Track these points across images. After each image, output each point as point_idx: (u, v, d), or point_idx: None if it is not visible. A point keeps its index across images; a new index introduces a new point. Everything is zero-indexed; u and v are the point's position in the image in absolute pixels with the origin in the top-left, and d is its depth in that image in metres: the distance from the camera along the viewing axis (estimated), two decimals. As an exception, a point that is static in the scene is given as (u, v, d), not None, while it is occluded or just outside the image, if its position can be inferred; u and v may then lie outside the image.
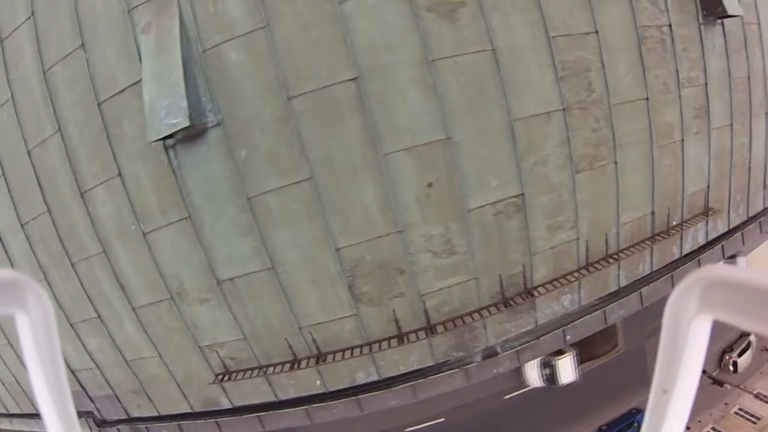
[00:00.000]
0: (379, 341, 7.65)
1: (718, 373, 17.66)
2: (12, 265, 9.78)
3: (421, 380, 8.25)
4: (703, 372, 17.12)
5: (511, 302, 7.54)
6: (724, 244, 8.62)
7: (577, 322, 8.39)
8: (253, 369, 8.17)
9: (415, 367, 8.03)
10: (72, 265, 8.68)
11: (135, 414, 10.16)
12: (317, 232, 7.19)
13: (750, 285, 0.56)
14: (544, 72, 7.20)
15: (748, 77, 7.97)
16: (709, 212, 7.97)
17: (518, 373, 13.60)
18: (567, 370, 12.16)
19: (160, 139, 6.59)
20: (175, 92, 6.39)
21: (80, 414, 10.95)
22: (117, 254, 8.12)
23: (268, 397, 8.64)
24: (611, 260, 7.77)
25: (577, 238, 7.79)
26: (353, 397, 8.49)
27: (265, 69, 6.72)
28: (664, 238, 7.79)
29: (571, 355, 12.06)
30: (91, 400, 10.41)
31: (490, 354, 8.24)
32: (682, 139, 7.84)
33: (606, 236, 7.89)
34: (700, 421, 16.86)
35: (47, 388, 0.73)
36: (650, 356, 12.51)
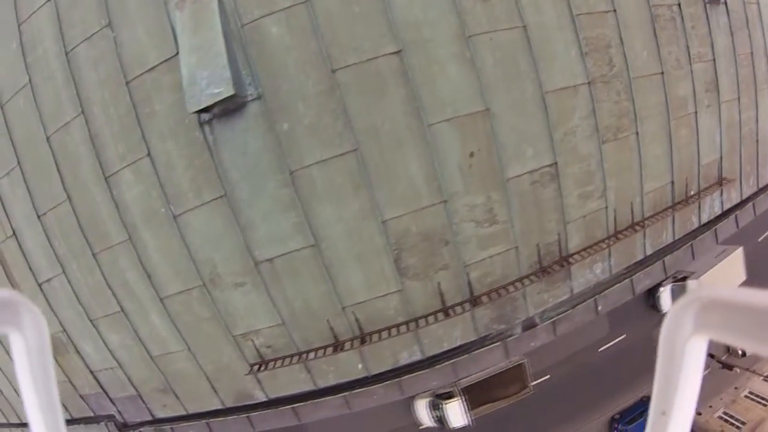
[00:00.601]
0: (424, 317, 6.99)
1: (727, 357, 17.20)
2: (27, 260, 8.59)
3: (463, 356, 7.58)
4: (712, 356, 16.34)
5: (549, 270, 7.09)
6: (737, 214, 8.56)
7: (607, 291, 8.03)
8: (291, 356, 7.29)
9: (458, 343, 7.40)
10: (94, 255, 7.63)
11: (160, 415, 8.94)
12: (363, 204, 6.56)
13: (744, 304, 0.52)
14: (569, 48, 7.01)
15: (751, 53, 8.11)
16: (723, 182, 7.91)
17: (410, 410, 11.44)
18: (456, 414, 10.05)
19: (200, 110, 5.88)
20: (216, 63, 5.72)
21: (100, 418, 9.61)
22: (144, 241, 7.17)
23: (306, 386, 7.74)
24: (637, 228, 7.53)
25: (606, 207, 7.51)
26: (395, 379, 7.70)
27: (308, 43, 6.18)
28: (684, 206, 7.62)
29: (460, 401, 9.93)
30: (113, 402, 9.13)
31: (529, 325, 7.74)
32: (696, 112, 7.81)
33: (631, 205, 7.65)
34: (711, 407, 16.18)
35: (39, 407, 0.66)
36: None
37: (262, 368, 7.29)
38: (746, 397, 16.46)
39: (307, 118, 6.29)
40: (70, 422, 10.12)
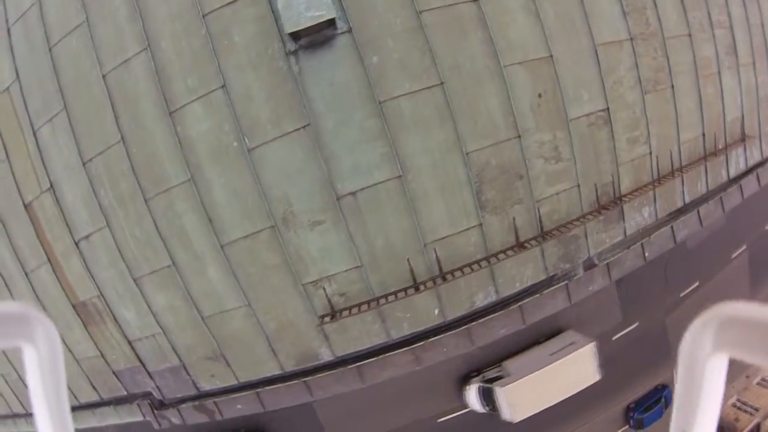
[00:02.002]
0: (502, 251, 5.81)
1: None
2: (64, 216, 6.54)
3: (529, 299, 6.35)
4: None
5: (607, 207, 6.23)
6: (758, 172, 8.22)
7: (653, 235, 7.23)
8: (366, 302, 5.70)
9: (529, 283, 6.26)
10: (146, 201, 5.85)
11: (206, 387, 6.80)
12: (448, 135, 5.50)
13: (765, 321, 0.43)
14: (613, 7, 6.61)
15: (762, 24, 8.11)
16: (746, 138, 7.57)
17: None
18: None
19: (293, 35, 4.69)
20: (314, -16, 4.60)
21: (135, 396, 7.24)
22: (208, 180, 5.57)
23: (378, 339, 6.10)
24: (677, 174, 6.95)
25: (650, 153, 6.93)
26: (465, 327, 6.24)
27: (395, -20, 5.25)
28: (714, 158, 7.18)
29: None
30: (151, 376, 6.91)
31: (589, 266, 6.74)
32: (719, 72, 7.57)
33: (671, 153, 7.10)
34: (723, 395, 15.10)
35: (50, 421, 0.55)
36: (671, 331, 10.84)
37: (334, 319, 5.62)
38: (758, 384, 14.37)
39: (396, 53, 5.35)
40: (97, 405, 7.62)
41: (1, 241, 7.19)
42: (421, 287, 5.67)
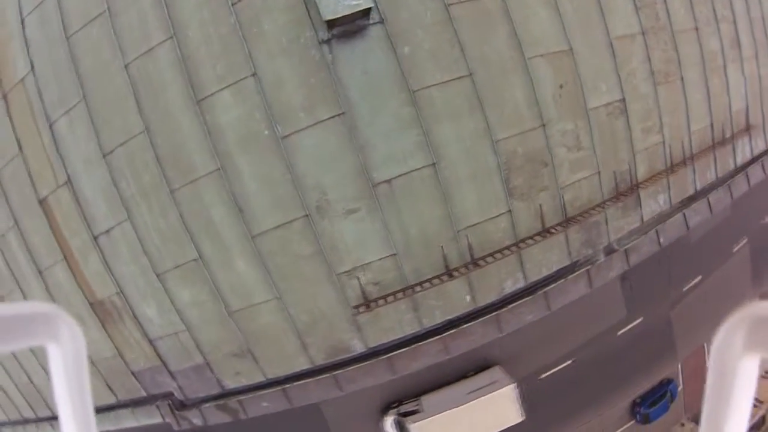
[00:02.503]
0: (530, 237, 5.56)
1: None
2: (82, 210, 5.91)
3: (555, 284, 6.07)
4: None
5: (625, 194, 6.07)
6: (763, 160, 8.08)
7: (667, 222, 7.08)
8: (400, 291, 5.29)
9: (555, 269, 6.01)
10: (171, 192, 5.32)
11: (231, 385, 6.19)
12: (478, 124, 5.21)
13: None
14: (626, 1, 6.52)
15: (762, 18, 8.17)
16: (751, 128, 7.55)
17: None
18: None
19: (335, 20, 4.38)
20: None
21: (154, 398, 6.55)
22: (238, 169, 5.10)
23: (411, 328, 5.67)
24: (688, 162, 6.83)
25: (663, 142, 6.81)
26: (493, 314, 5.88)
27: (425, -26, 4.98)
28: (722, 147, 7.17)
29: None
30: (172, 376, 6.26)
31: (610, 251, 6.54)
32: (724, 64, 7.53)
33: (682, 142, 7.02)
34: None
35: (74, 420, 0.53)
36: (676, 326, 10.53)
37: (369, 309, 5.18)
38: (762, 377, 14.94)
39: (427, 44, 5.08)
40: (113, 407, 6.88)
41: (14, 238, 6.48)
42: (455, 274, 5.32)
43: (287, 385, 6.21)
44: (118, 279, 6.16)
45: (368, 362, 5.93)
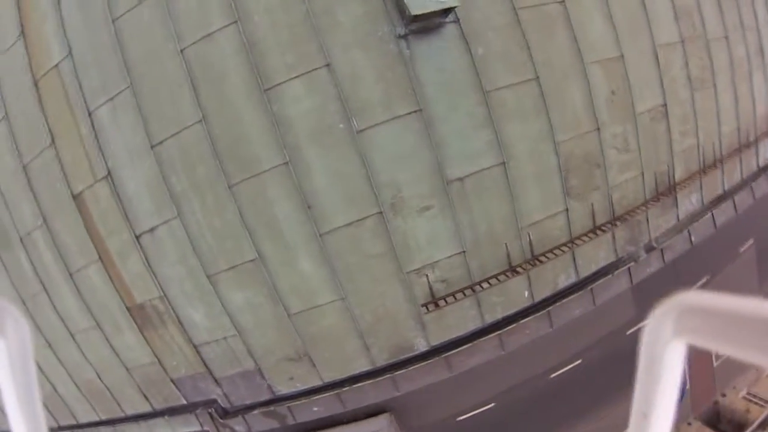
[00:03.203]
0: (583, 235, 5.24)
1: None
2: (122, 207, 4.97)
3: (602, 280, 5.80)
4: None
5: (664, 195, 5.93)
6: None
7: (698, 221, 7.02)
8: (465, 289, 4.79)
9: (602, 264, 5.81)
10: (230, 187, 4.55)
11: (282, 391, 5.40)
12: (542, 126, 4.90)
13: (722, 310, 0.40)
14: (668, 11, 6.54)
15: None
16: None
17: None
18: None
19: (425, 14, 3.96)
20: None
21: (194, 406, 5.62)
22: (308, 163, 4.42)
23: (473, 324, 5.20)
24: (718, 164, 6.93)
25: (697, 144, 6.83)
26: (545, 310, 5.50)
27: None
28: (747, 149, 7.30)
29: None
30: (218, 383, 5.39)
31: (650, 248, 6.40)
32: (750, 71, 7.61)
33: (713, 144, 7.09)
34: (734, 387, 12.80)
35: (21, 414, 0.49)
36: None
37: (438, 307, 4.62)
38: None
39: (497, 46, 4.73)
40: (146, 416, 5.86)
41: (41, 237, 5.38)
42: (518, 270, 4.89)
43: (345, 388, 5.52)
44: (161, 281, 5.23)
45: (427, 361, 5.37)
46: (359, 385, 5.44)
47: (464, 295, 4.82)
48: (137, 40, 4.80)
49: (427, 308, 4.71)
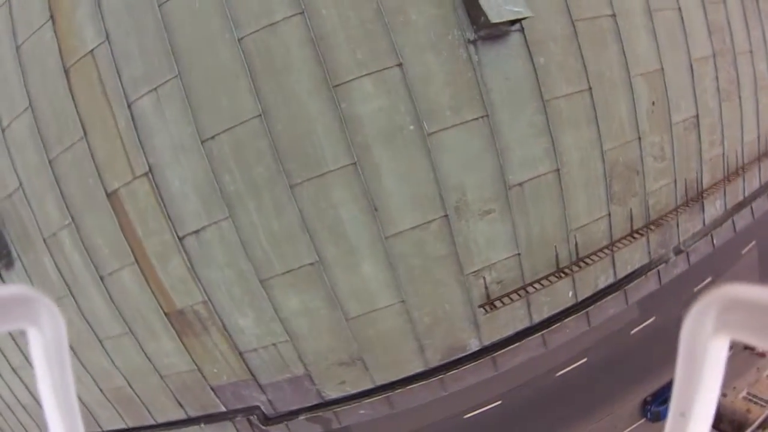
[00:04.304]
0: (623, 238, 5.62)
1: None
2: (164, 206, 4.60)
3: (633, 283, 6.22)
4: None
5: (693, 201, 6.41)
6: None
7: (720, 227, 7.60)
8: (518, 290, 4.91)
9: (637, 266, 6.16)
10: (291, 188, 4.32)
11: (331, 395, 5.25)
12: (592, 135, 5.12)
13: (765, 303, 0.37)
14: (702, 27, 6.97)
15: None
16: None
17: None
18: None
19: (500, 23, 3.99)
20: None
21: (235, 412, 5.34)
22: (377, 164, 4.30)
23: (522, 324, 5.35)
24: (740, 172, 7.52)
25: (723, 153, 7.36)
26: (583, 311, 5.78)
27: (560, -5, 4.78)
28: (766, 157, 7.84)
29: None
30: (262, 389, 5.14)
31: (678, 251, 6.91)
32: None
33: (736, 153, 7.65)
34: (735, 388, 12.92)
35: (57, 404, 0.48)
36: None
37: (494, 307, 4.71)
38: None
39: (557, 56, 4.86)
40: (179, 424, 5.52)
41: (68, 238, 4.85)
42: (566, 271, 5.10)
43: (392, 392, 5.51)
44: (205, 286, 4.89)
45: (477, 361, 5.48)
46: (410, 387, 5.50)
47: (519, 296, 4.94)
48: (187, 27, 4.41)
49: (486, 309, 4.77)
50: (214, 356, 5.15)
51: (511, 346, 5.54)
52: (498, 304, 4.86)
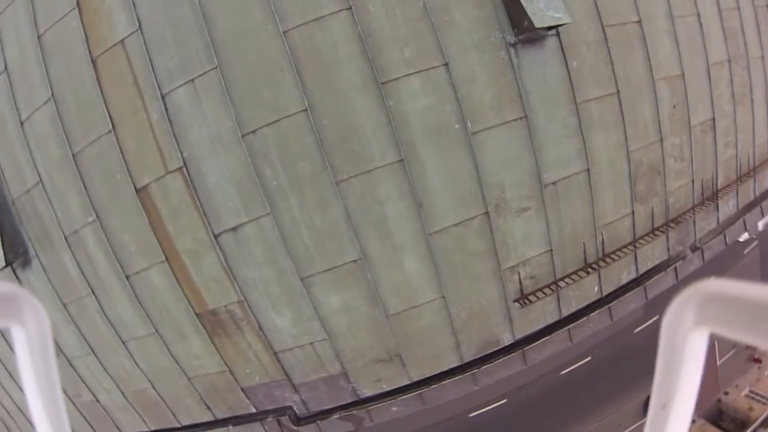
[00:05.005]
0: (645, 235, 6.12)
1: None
2: (199, 202, 4.50)
3: (652, 279, 6.70)
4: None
5: (709, 200, 7.02)
6: None
7: (732, 225, 8.05)
8: (548, 286, 5.29)
9: (657, 262, 6.70)
10: (336, 184, 4.42)
11: (366, 393, 5.39)
12: (619, 137, 5.59)
13: (746, 298, 0.39)
14: (719, 32, 7.49)
15: None
16: None
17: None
18: None
19: (543, 28, 4.26)
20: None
21: (266, 413, 5.34)
22: (423, 162, 4.50)
23: (551, 317, 5.73)
24: (752, 173, 8.11)
25: (736, 154, 7.96)
26: (606, 306, 6.17)
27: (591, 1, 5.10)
28: None
29: None
30: (296, 389, 5.22)
31: (694, 248, 7.48)
32: None
33: (748, 154, 8.23)
34: (737, 386, 12.95)
35: (42, 403, 0.48)
36: None
37: (529, 302, 4.96)
38: None
39: (589, 61, 5.29)
40: (204, 426, 5.47)
41: (92, 235, 4.67)
42: (594, 267, 5.48)
43: (424, 389, 5.62)
44: (241, 285, 4.89)
45: (509, 355, 5.71)
46: (444, 382, 5.63)
47: (551, 290, 5.28)
48: (228, 17, 4.40)
49: (521, 303, 5.07)
50: (247, 357, 5.11)
51: (541, 340, 5.86)
52: (532, 298, 5.18)
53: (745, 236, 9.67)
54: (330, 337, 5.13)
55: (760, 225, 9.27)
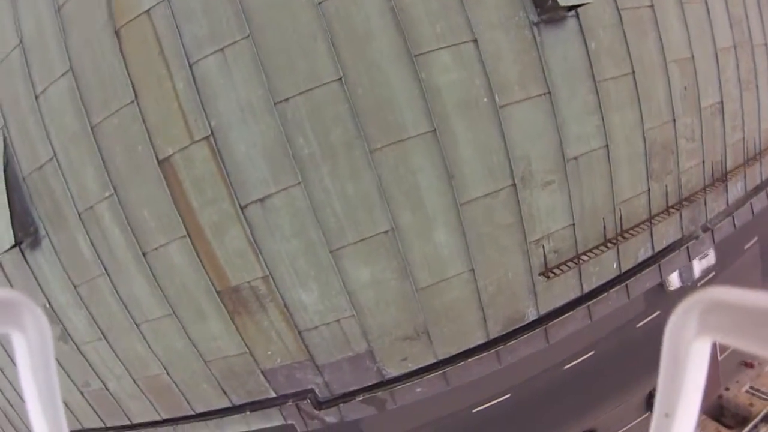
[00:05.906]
0: (662, 212, 6.71)
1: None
2: (226, 172, 4.51)
3: (667, 258, 7.21)
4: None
5: (720, 181, 7.75)
6: None
7: (740, 209, 8.58)
8: (571, 259, 5.69)
9: (671, 240, 7.32)
10: (370, 153, 4.63)
11: (392, 373, 5.55)
12: (636, 115, 6.26)
13: (748, 306, 0.42)
14: (725, 19, 8.13)
15: None
16: None
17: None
18: None
19: (566, 7, 4.79)
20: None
21: (286, 397, 5.30)
22: (454, 133, 4.83)
23: (573, 293, 6.18)
24: (758, 156, 8.76)
25: (743, 138, 8.63)
26: (623, 284, 6.62)
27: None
28: None
29: None
30: (319, 371, 5.32)
31: (705, 229, 8.10)
32: None
33: (755, 139, 8.90)
34: (737, 382, 13.14)
35: (41, 407, 0.51)
36: None
37: (555, 275, 5.20)
38: None
39: (605, 42, 5.96)
40: (219, 413, 5.35)
41: (108, 211, 4.60)
42: (613, 242, 5.80)
43: (448, 368, 5.63)
44: (267, 259, 4.96)
45: (532, 332, 5.84)
46: (468, 360, 5.67)
47: (574, 263, 5.57)
48: None
49: (547, 276, 5.33)
50: (269, 337, 5.09)
51: (563, 316, 6.05)
52: (556, 271, 5.51)
53: (677, 285, 9.72)
54: (357, 313, 5.23)
55: (696, 271, 9.31)
